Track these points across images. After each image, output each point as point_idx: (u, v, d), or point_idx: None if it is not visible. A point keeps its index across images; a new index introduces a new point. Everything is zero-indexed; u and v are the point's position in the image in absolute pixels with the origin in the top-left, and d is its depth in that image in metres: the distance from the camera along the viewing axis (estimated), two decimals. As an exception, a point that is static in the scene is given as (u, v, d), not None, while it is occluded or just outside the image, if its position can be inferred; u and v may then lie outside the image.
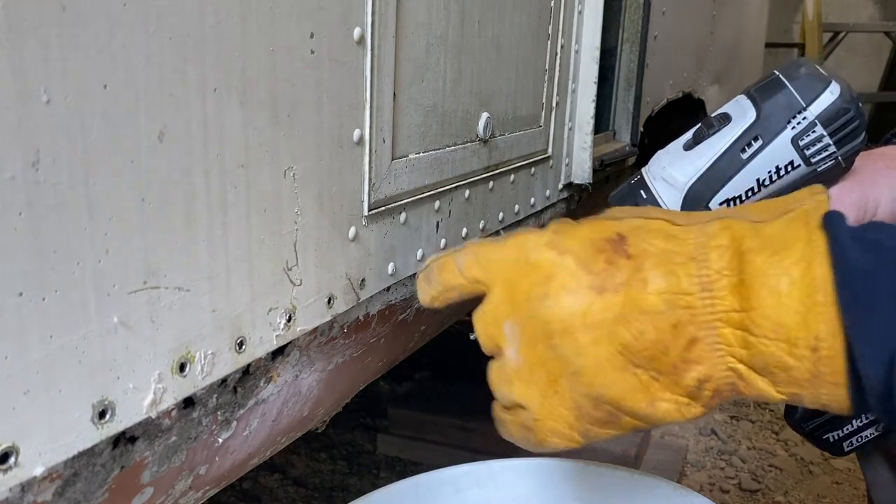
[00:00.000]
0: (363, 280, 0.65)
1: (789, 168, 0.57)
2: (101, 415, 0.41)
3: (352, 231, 0.62)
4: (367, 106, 0.61)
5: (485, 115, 0.83)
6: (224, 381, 0.52)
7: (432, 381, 1.94)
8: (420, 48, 0.68)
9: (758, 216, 0.43)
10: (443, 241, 0.78)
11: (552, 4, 0.99)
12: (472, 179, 0.83)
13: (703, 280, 0.41)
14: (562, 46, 1.04)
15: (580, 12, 1.09)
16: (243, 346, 0.52)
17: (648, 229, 0.44)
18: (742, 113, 0.59)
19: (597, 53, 1.12)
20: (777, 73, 0.59)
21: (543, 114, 1.02)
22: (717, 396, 0.43)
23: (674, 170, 0.61)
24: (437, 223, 0.77)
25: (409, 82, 0.67)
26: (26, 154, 0.35)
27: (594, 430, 0.45)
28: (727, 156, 0.58)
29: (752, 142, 0.57)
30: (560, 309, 0.43)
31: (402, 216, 0.70)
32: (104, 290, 0.40)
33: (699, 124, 0.62)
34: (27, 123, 0.35)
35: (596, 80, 1.13)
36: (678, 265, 0.41)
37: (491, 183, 0.88)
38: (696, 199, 0.60)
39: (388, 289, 0.71)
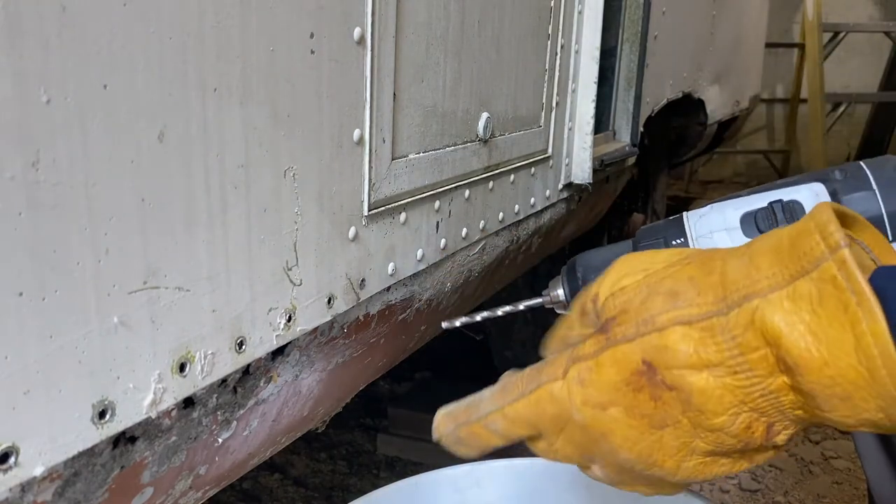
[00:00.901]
0: (363, 280, 0.65)
1: None
2: (101, 415, 0.41)
3: (352, 231, 0.62)
4: (367, 106, 0.61)
5: (485, 115, 0.83)
6: (224, 381, 0.52)
7: (432, 381, 1.94)
8: (420, 48, 0.68)
9: (771, 277, 0.38)
10: (443, 240, 0.78)
11: (552, 4, 0.99)
12: (472, 179, 0.83)
13: (758, 389, 0.39)
14: (562, 46, 1.04)
15: (580, 12, 1.09)
16: (243, 346, 0.52)
17: (669, 348, 0.40)
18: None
19: (597, 53, 1.12)
20: (865, 169, 0.51)
21: (543, 114, 1.02)
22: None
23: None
24: (437, 223, 0.77)
25: (409, 82, 0.67)
26: (26, 154, 0.35)
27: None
28: None
29: None
30: (637, 454, 0.43)
31: (402, 216, 0.70)
32: (104, 290, 0.40)
33: (766, 202, 0.53)
34: (27, 123, 0.35)
35: (596, 80, 1.13)
36: (723, 381, 0.40)
37: (491, 183, 0.88)
38: None
39: (388, 289, 0.71)
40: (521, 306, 0.59)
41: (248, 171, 0.50)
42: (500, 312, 0.59)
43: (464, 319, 0.64)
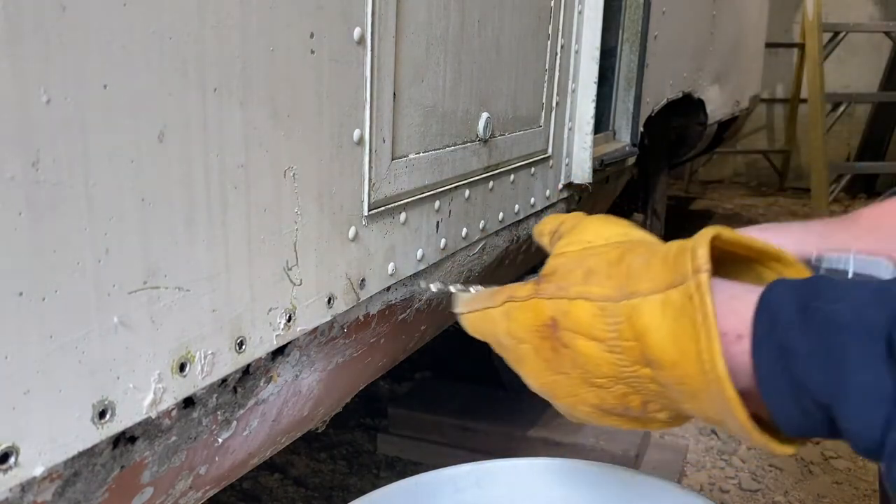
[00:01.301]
0: (363, 280, 0.65)
1: None
2: (101, 415, 0.41)
3: (352, 231, 0.62)
4: (367, 106, 0.61)
5: (485, 115, 0.83)
6: (224, 380, 0.52)
7: (432, 381, 1.94)
8: (420, 48, 0.68)
9: (654, 280, 0.45)
10: (443, 240, 0.78)
11: (552, 4, 0.99)
12: (472, 179, 0.83)
13: (627, 370, 0.47)
14: (562, 46, 1.04)
15: (580, 12, 1.09)
16: (243, 346, 0.52)
17: (571, 316, 0.49)
18: None
19: (597, 53, 1.12)
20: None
21: (543, 114, 1.02)
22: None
23: None
24: (437, 223, 0.77)
25: (408, 82, 0.67)
26: (26, 154, 0.35)
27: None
28: None
29: None
30: (540, 386, 0.54)
31: (402, 216, 0.70)
32: (104, 290, 0.40)
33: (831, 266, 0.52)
34: (27, 123, 0.35)
35: (596, 80, 1.13)
36: (601, 353, 0.48)
37: (491, 183, 0.88)
38: None
39: (388, 289, 0.71)
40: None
41: (247, 171, 0.50)
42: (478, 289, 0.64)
43: (438, 286, 0.73)
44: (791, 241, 0.52)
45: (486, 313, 0.57)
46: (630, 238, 0.53)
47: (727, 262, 0.48)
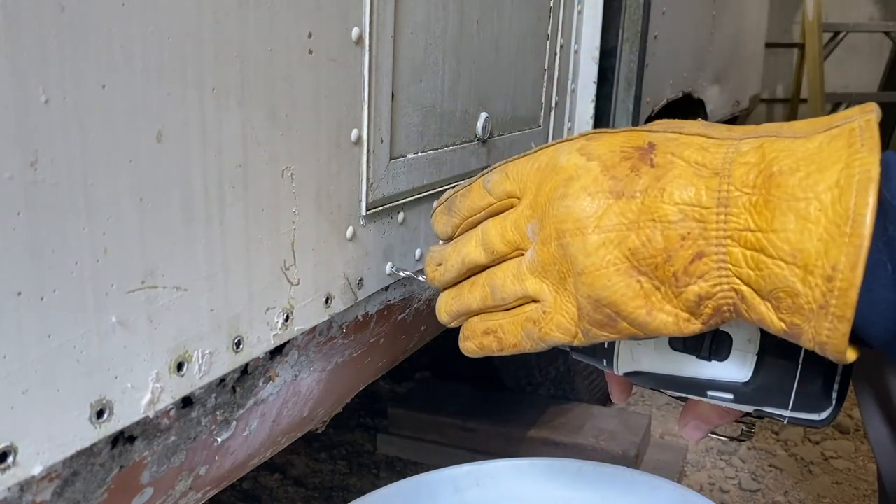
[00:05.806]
0: (361, 280, 0.65)
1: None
2: (99, 414, 0.41)
3: (349, 231, 0.62)
4: (365, 106, 0.61)
5: (483, 115, 0.83)
6: (222, 380, 0.52)
7: (432, 381, 1.94)
8: (418, 48, 0.68)
9: (800, 130, 0.40)
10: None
11: (551, 4, 0.99)
12: (471, 179, 0.83)
13: (721, 196, 0.39)
14: (561, 46, 1.04)
15: (580, 12, 1.09)
16: (241, 346, 0.52)
17: (680, 141, 0.42)
18: (742, 360, 0.47)
19: (596, 53, 1.13)
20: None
21: (542, 114, 1.02)
22: (716, 315, 0.42)
23: (641, 353, 0.51)
24: (436, 223, 0.77)
25: (407, 82, 0.67)
26: (25, 154, 0.35)
27: (594, 332, 0.45)
28: (692, 388, 0.49)
29: (724, 393, 0.48)
30: (577, 209, 0.44)
31: (401, 216, 0.70)
32: (102, 290, 0.40)
33: (708, 333, 0.48)
34: (26, 123, 0.35)
35: (595, 80, 1.13)
36: (700, 178, 0.40)
37: (490, 183, 0.88)
38: (638, 378, 0.51)
39: (386, 288, 0.71)
40: None
41: (246, 171, 0.50)
42: None
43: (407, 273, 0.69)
44: None
45: (548, 148, 0.49)
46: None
47: None
